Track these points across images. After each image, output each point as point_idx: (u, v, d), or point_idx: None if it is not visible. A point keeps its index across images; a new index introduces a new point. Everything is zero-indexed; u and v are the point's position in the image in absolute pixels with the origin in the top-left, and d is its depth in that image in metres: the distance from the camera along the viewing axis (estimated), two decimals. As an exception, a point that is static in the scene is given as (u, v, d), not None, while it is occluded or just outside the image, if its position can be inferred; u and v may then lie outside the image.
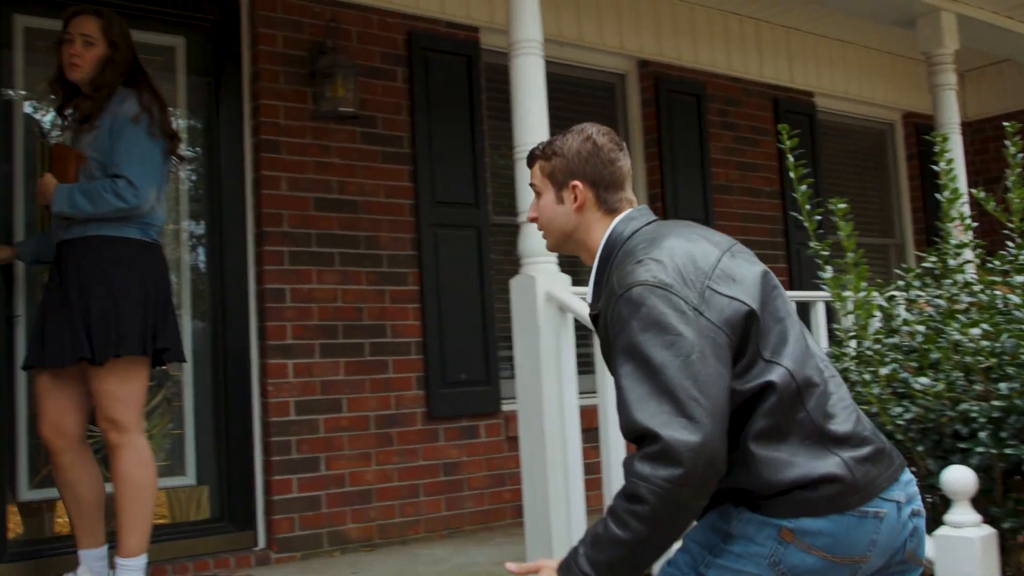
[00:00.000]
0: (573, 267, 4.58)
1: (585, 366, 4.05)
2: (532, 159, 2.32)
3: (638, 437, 1.91)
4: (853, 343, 3.17)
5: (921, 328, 2.87)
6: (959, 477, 2.50)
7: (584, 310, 3.61)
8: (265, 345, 4.63)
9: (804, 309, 3.94)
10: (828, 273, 3.20)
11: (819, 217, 3.31)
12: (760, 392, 1.96)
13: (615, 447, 3.51)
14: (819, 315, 4.33)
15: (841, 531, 1.95)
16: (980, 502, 2.72)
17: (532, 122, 3.87)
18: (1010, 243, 3.35)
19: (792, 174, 3.35)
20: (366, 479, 4.83)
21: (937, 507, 2.78)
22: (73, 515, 3.74)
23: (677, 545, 2.07)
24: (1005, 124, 3.47)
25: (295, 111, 4.82)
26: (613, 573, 1.93)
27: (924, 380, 2.77)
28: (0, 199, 4.18)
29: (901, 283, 3.44)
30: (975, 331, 2.77)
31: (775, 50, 7.04)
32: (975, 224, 3.73)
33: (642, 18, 6.25)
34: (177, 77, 4.75)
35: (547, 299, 3.70)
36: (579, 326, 3.74)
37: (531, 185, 2.33)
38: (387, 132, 5.11)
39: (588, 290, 2.24)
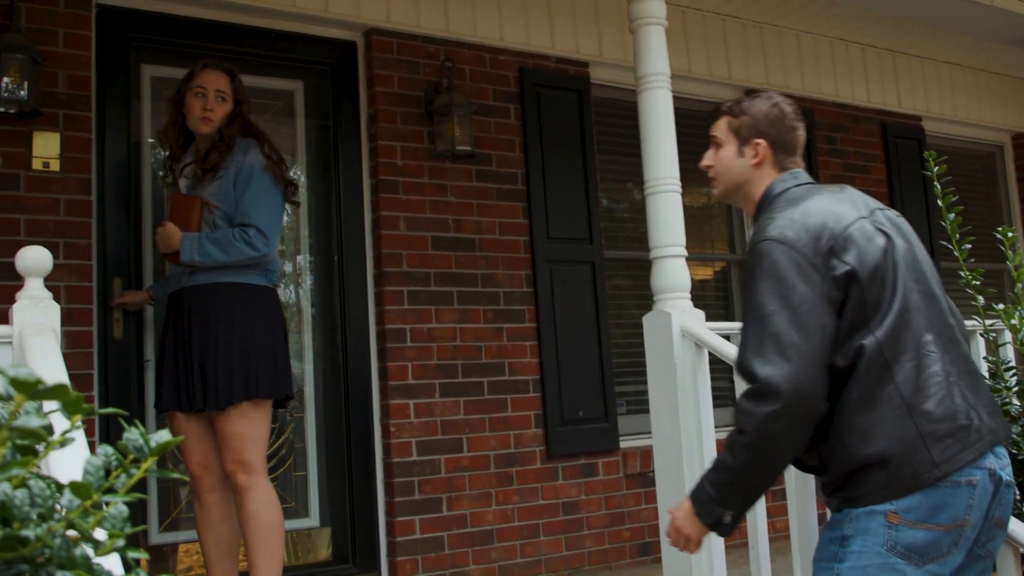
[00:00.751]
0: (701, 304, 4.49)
1: (719, 399, 3.96)
2: (719, 114, 2.56)
3: (744, 373, 2.19)
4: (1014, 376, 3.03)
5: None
6: None
7: (720, 345, 3.54)
8: (386, 385, 4.62)
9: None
10: (980, 302, 3.08)
11: (1011, 234, 3.18)
12: (853, 359, 2.16)
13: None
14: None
15: (939, 502, 2.12)
16: None
17: (663, 155, 3.80)
18: None
19: (940, 202, 3.25)
20: (487, 519, 4.78)
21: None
22: (212, 557, 3.75)
23: None
24: None
25: (412, 151, 4.83)
26: (730, 493, 2.22)
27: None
28: (131, 244, 4.24)
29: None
30: None
31: (882, 75, 6.91)
32: None
33: (749, 47, 6.18)
34: (296, 120, 4.80)
35: (683, 335, 3.62)
36: (713, 359, 3.65)
37: (712, 137, 2.57)
38: (501, 169, 5.10)
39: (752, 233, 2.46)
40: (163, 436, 1.19)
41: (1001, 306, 2.54)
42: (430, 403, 4.69)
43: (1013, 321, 2.73)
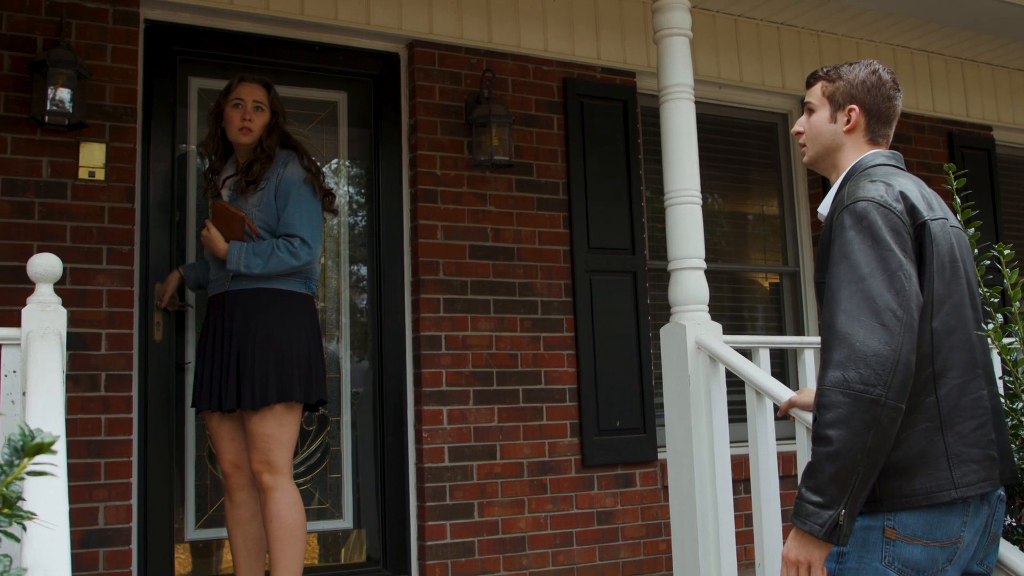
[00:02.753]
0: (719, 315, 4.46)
1: (735, 414, 3.94)
2: (814, 79, 2.54)
3: (836, 337, 2.12)
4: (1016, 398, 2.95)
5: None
6: None
7: (734, 359, 3.53)
8: (421, 391, 4.70)
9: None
10: (999, 320, 3.01)
11: (987, 262, 3.11)
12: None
13: (767, 500, 3.39)
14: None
15: (935, 518, 2.13)
16: None
17: (683, 166, 3.82)
18: None
19: (959, 216, 3.18)
20: (519, 526, 4.81)
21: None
22: (240, 554, 3.89)
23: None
24: None
25: (451, 160, 4.91)
26: (840, 489, 2.05)
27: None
28: (173, 250, 4.39)
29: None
30: None
31: (949, 83, 6.74)
32: None
33: (805, 55, 6.10)
34: (339, 129, 4.92)
35: (697, 348, 3.62)
36: (729, 374, 3.64)
37: (806, 103, 2.55)
38: (542, 179, 5.14)
39: (827, 200, 2.47)
40: (45, 437, 1.27)
41: (991, 325, 2.48)
42: (463, 410, 4.75)
43: (1006, 341, 2.67)
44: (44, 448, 1.23)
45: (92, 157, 4.14)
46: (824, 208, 2.49)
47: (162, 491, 4.23)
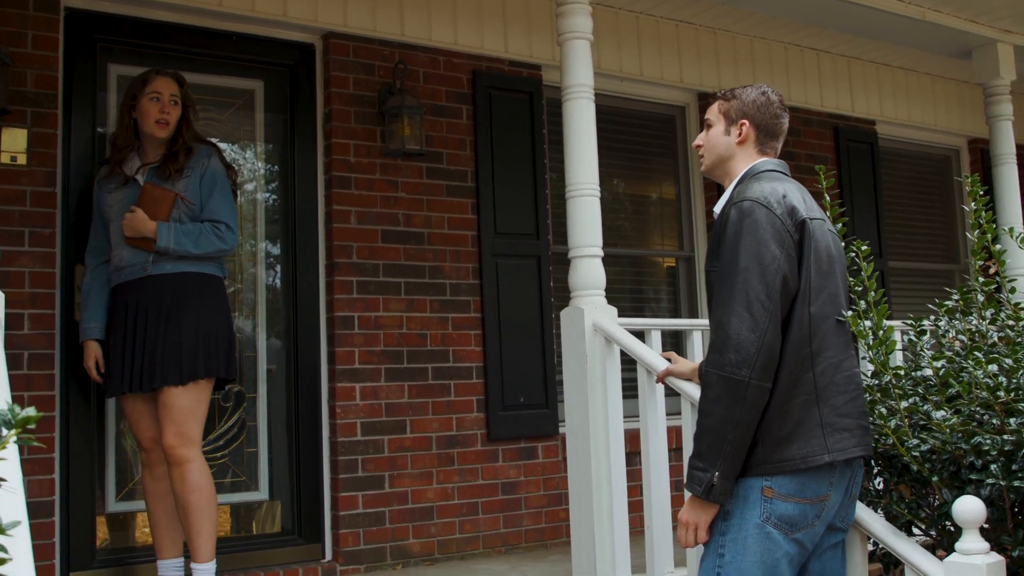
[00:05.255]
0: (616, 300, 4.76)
1: (629, 391, 4.26)
2: (713, 99, 2.93)
3: (715, 324, 2.53)
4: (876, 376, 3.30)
5: (939, 364, 3.01)
6: (969, 507, 2.63)
7: (628, 341, 3.84)
8: (334, 369, 4.92)
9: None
10: (862, 306, 3.35)
11: (865, 247, 3.43)
12: (787, 327, 2.53)
13: (656, 469, 3.71)
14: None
15: (807, 480, 2.51)
16: (993, 531, 2.86)
17: (583, 161, 4.11)
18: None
19: (828, 213, 3.50)
20: (428, 497, 5.09)
21: (952, 534, 2.92)
22: (161, 525, 4.09)
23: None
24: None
25: (365, 149, 5.12)
26: (711, 452, 2.49)
27: (940, 414, 2.91)
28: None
29: (933, 317, 3.58)
30: (993, 367, 2.91)
31: (836, 79, 7.16)
32: None
33: (702, 51, 6.44)
34: (256, 115, 5.09)
35: (594, 330, 3.93)
36: (624, 354, 3.95)
37: (705, 119, 2.93)
38: (452, 167, 5.39)
39: (721, 200, 2.81)
40: (30, 412, 1.49)
41: (850, 313, 2.80)
42: (375, 387, 4.99)
43: (865, 324, 3.01)
44: (30, 421, 1.44)
45: (14, 142, 4.25)
46: (718, 208, 2.84)
47: (84, 465, 4.38)
